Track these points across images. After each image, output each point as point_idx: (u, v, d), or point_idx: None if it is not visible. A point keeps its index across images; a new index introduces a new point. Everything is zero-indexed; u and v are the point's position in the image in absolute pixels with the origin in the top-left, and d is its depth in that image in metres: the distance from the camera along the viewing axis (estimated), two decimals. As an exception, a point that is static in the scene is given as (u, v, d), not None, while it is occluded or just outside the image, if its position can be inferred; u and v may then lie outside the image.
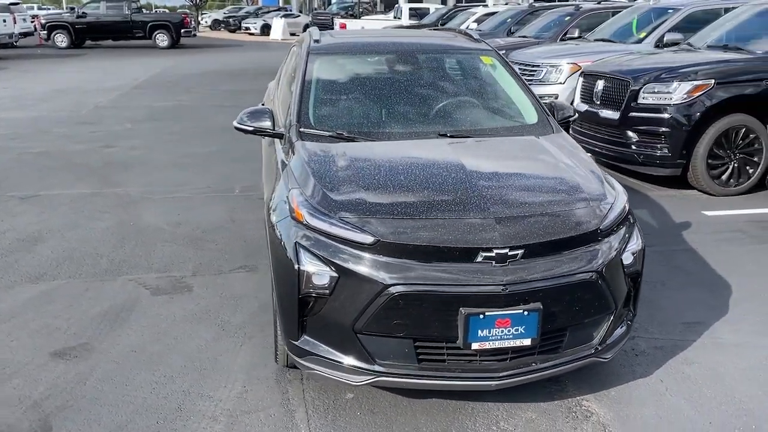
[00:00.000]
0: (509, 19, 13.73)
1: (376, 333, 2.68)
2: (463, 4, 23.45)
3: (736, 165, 6.41)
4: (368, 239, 2.66)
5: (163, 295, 4.26)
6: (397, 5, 24.78)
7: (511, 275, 2.61)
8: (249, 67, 19.75)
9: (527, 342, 2.68)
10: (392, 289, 2.59)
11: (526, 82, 4.11)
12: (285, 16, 38.68)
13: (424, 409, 3.01)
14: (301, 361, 2.89)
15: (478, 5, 20.91)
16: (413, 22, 21.11)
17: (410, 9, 23.11)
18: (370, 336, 2.70)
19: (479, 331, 2.62)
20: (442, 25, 18.61)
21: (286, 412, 3.02)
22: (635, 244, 2.98)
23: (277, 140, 3.82)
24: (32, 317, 3.92)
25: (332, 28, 33.26)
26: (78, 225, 5.59)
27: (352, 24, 21.98)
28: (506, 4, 21.23)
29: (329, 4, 43.45)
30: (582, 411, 3.01)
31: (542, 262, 2.68)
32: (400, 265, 2.62)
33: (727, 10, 8.95)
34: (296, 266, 2.74)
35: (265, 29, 38.31)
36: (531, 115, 3.76)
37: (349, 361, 2.75)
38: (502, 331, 2.64)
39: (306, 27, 39.38)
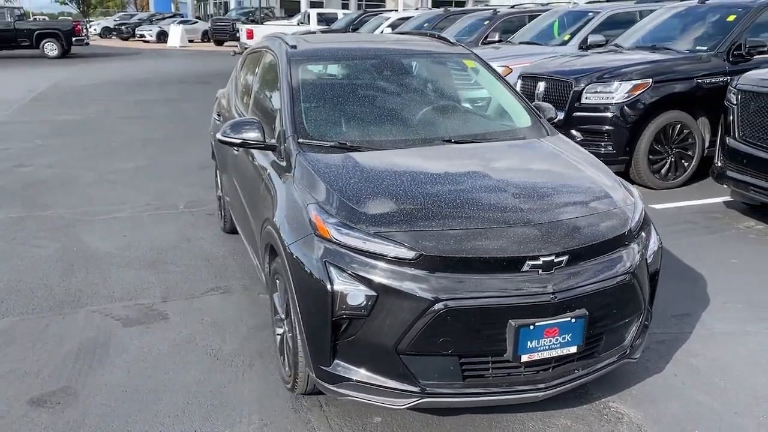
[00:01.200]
0: (426, 24, 13.86)
1: (420, 352, 2.55)
2: (373, 10, 23.51)
3: (673, 159, 6.73)
4: (410, 254, 2.52)
5: (137, 325, 3.92)
6: (304, 11, 24.49)
7: (558, 283, 2.56)
8: (152, 77, 18.91)
9: (573, 349, 2.64)
10: (439, 305, 2.47)
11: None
12: (182, 22, 37.39)
13: (457, 426, 2.90)
14: (334, 388, 2.70)
15: (390, 10, 21.07)
16: (322, 27, 20.93)
17: (318, 14, 22.92)
18: (414, 356, 2.56)
19: (528, 343, 2.54)
20: (354, 30, 18.57)
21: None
22: (654, 242, 3.01)
23: (259, 154, 3.60)
24: (-8, 362, 3.49)
25: (234, 35, 32.51)
26: (14, 254, 5.07)
27: (260, 30, 21.49)
28: (417, 9, 21.49)
29: (227, 10, 42.43)
30: (612, 413, 3.00)
31: (584, 267, 2.65)
32: (446, 280, 2.50)
33: (642, 13, 9.44)
34: (328, 287, 2.56)
35: (162, 36, 36.86)
36: (524, 118, 3.74)
37: (391, 384, 2.60)
38: (550, 341, 2.58)
39: (205, 34, 38.28)
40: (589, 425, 2.92)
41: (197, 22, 40.81)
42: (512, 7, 12.98)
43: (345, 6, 38.02)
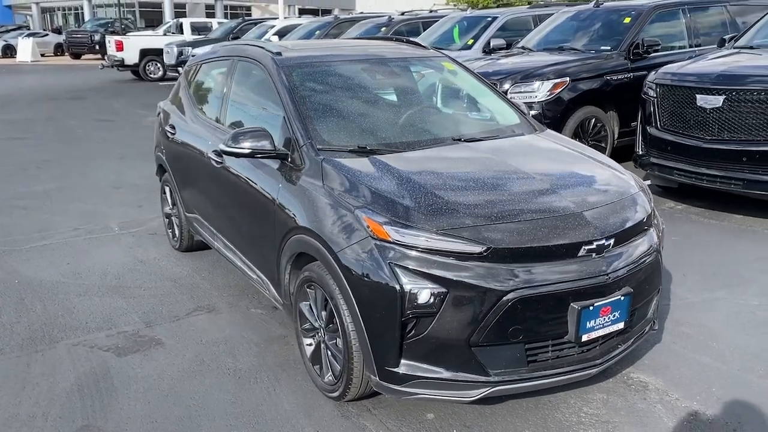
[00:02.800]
0: (318, 31, 13.89)
1: (491, 343, 2.64)
2: (253, 18, 23.09)
3: (590, 151, 7.27)
4: (478, 248, 2.60)
5: (131, 354, 3.67)
6: (175, 20, 23.53)
7: (609, 264, 2.75)
8: (17, 94, 17.46)
9: (621, 325, 2.84)
10: (511, 295, 2.57)
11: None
12: (31, 35, 34.66)
13: (510, 412, 3.02)
14: (401, 388, 2.72)
15: (272, 18, 20.82)
16: (198, 37, 20.26)
17: (191, 24, 22.13)
18: (484, 347, 2.65)
19: (588, 323, 2.71)
20: (234, 38, 18.17)
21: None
22: (660, 222, 3.30)
23: (262, 163, 3.50)
24: (-16, 410, 3.15)
25: (93, 48, 30.60)
26: (-51, 293, 4.55)
27: (131, 42, 20.40)
28: (299, 17, 21.40)
29: (81, 22, 39.86)
30: (637, 383, 3.24)
31: (625, 248, 2.86)
32: (513, 270, 2.61)
33: (535, 18, 10.08)
34: (396, 287, 2.58)
35: (8, 51, 33.96)
36: (511, 115, 3.92)
37: (462, 376, 2.67)
38: (604, 320, 2.76)
39: (58, 47, 35.68)
40: (623, 396, 3.14)
41: (47, 34, 37.97)
42: (402, 14, 13.32)
43: (210, 15, 37.04)
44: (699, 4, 8.09)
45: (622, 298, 2.78)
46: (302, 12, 32.51)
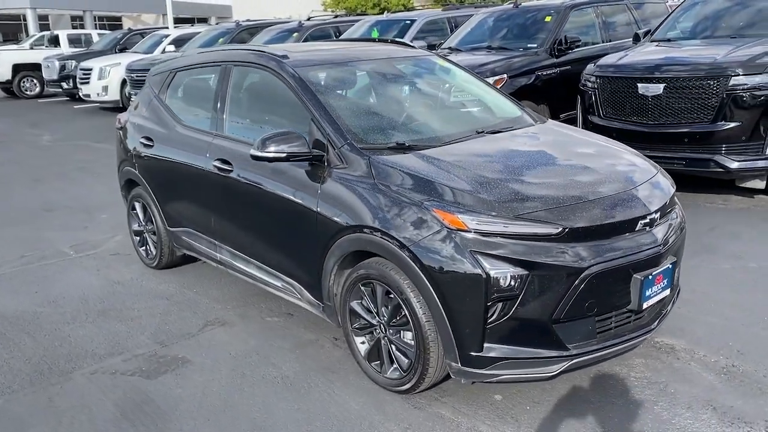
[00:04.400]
0: (221, 39, 13.55)
1: (570, 318, 2.79)
2: (142, 28, 22.05)
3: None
4: (554, 229, 2.75)
5: (162, 375, 3.51)
6: (49, 33, 21.95)
7: (661, 236, 2.99)
8: None
9: (668, 292, 3.10)
10: (588, 271, 2.74)
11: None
12: None
13: (566, 384, 3.19)
14: (484, 371, 2.82)
15: (161, 28, 20.01)
16: (80, 49, 19.07)
17: (68, 36, 20.77)
18: (563, 323, 2.80)
19: (647, 292, 2.93)
20: (120, 51, 17.35)
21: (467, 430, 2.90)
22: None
23: (279, 170, 3.47)
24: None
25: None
26: None
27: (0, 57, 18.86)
28: (191, 25, 20.71)
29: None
30: (664, 346, 3.53)
31: (666, 221, 3.12)
32: (587, 248, 2.78)
33: (450, 20, 10.47)
34: (481, 274, 2.68)
35: None
36: (513, 108, 4.10)
37: (543, 353, 2.80)
38: (657, 287, 3.00)
39: None
40: (658, 358, 3.41)
41: None
42: (308, 19, 13.31)
43: (77, 27, 34.96)
44: (607, 3, 8.77)
45: (670, 266, 3.04)
46: (178, 21, 31.46)
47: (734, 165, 5.58)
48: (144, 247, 5.12)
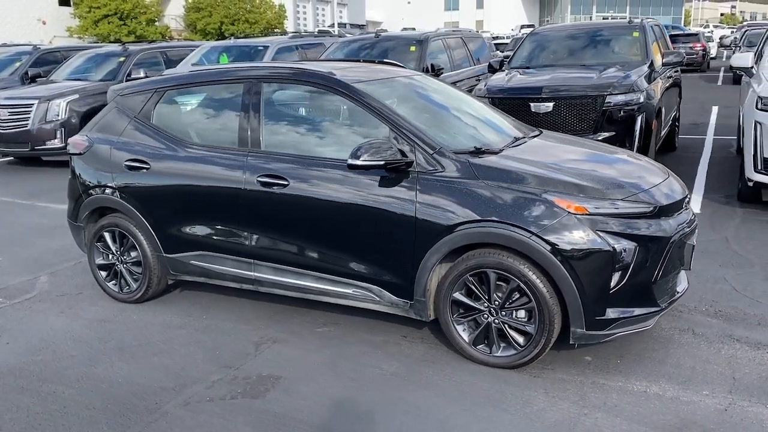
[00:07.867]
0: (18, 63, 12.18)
1: (662, 278, 3.46)
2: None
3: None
4: (649, 208, 3.40)
5: (266, 393, 3.42)
6: None
7: (693, 212, 3.81)
8: None
9: (691, 257, 3.94)
10: (673, 239, 3.44)
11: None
12: None
13: (631, 343, 3.77)
14: (605, 332, 3.36)
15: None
16: None
17: None
18: (657, 284, 3.45)
19: (693, 254, 3.72)
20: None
21: (585, 404, 3.37)
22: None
23: (354, 179, 3.67)
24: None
25: None
26: None
27: None
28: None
29: None
30: (689, 321, 4.16)
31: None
32: (669, 222, 3.47)
33: (299, 47, 10.82)
34: (608, 249, 3.24)
35: None
36: (509, 120, 4.67)
37: (646, 310, 3.43)
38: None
39: None
40: (686, 330, 4.01)
41: None
42: (124, 47, 12.59)
43: None
44: (450, 35, 9.93)
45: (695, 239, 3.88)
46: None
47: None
48: (114, 281, 4.70)
